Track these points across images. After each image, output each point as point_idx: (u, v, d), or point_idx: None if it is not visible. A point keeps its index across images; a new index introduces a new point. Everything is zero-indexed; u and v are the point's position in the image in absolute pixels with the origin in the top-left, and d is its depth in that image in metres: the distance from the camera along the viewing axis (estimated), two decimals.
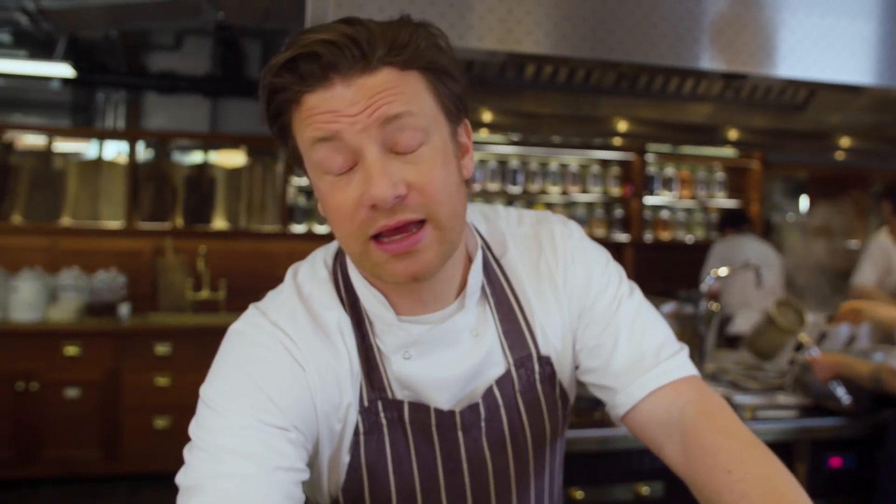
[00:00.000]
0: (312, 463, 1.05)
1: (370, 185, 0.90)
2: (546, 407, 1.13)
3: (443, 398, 1.07)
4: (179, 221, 5.59)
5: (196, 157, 5.82)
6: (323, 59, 0.90)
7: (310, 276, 1.09)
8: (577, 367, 1.17)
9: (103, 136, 5.62)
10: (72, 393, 4.83)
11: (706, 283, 3.14)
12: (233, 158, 5.87)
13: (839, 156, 5.23)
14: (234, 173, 5.69)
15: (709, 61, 2.52)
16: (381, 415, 1.05)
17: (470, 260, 1.09)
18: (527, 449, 1.12)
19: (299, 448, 0.97)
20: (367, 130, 0.91)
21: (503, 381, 1.10)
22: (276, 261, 5.73)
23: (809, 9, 2.59)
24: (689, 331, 3.09)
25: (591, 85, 2.99)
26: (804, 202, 6.90)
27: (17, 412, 4.75)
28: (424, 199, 0.93)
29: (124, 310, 5.10)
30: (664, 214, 6.59)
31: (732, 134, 4.77)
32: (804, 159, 6.64)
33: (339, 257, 1.11)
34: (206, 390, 0.99)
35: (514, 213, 1.20)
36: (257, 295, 1.08)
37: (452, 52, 0.99)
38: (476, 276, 1.08)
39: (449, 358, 1.07)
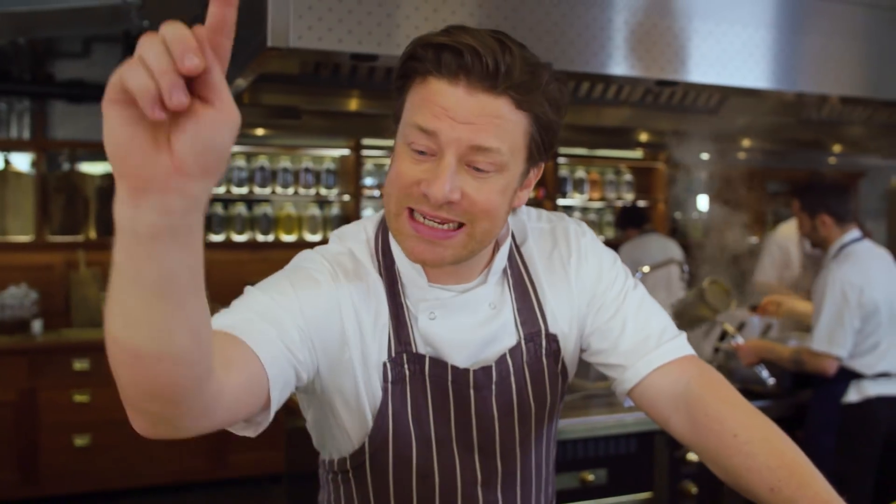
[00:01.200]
0: (333, 395, 1.17)
1: (432, 182, 1.05)
2: (548, 379, 1.25)
3: (460, 357, 1.20)
4: (92, 233, 5.43)
5: (108, 166, 5.66)
6: (463, 58, 1.02)
7: (352, 236, 1.24)
8: (584, 350, 1.30)
9: (7, 146, 5.40)
10: None
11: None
12: None
13: (741, 156, 5.54)
14: None
15: (625, 68, 2.66)
16: (405, 367, 1.18)
17: (497, 244, 1.23)
18: (530, 415, 1.24)
19: (304, 347, 1.09)
20: (458, 141, 1.04)
21: (514, 351, 1.23)
22: None
23: (718, 17, 2.76)
24: None
25: None
26: (704, 201, 7.22)
27: None
28: (473, 209, 1.07)
29: (37, 326, 4.93)
30: (576, 216, 6.80)
31: (643, 136, 4.99)
32: (705, 159, 6.94)
33: (382, 226, 1.23)
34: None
35: (534, 210, 1.34)
36: None
37: (566, 108, 1.14)
38: (502, 258, 1.23)
39: (468, 323, 1.20)
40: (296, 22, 1.96)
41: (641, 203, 6.79)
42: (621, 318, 1.25)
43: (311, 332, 1.09)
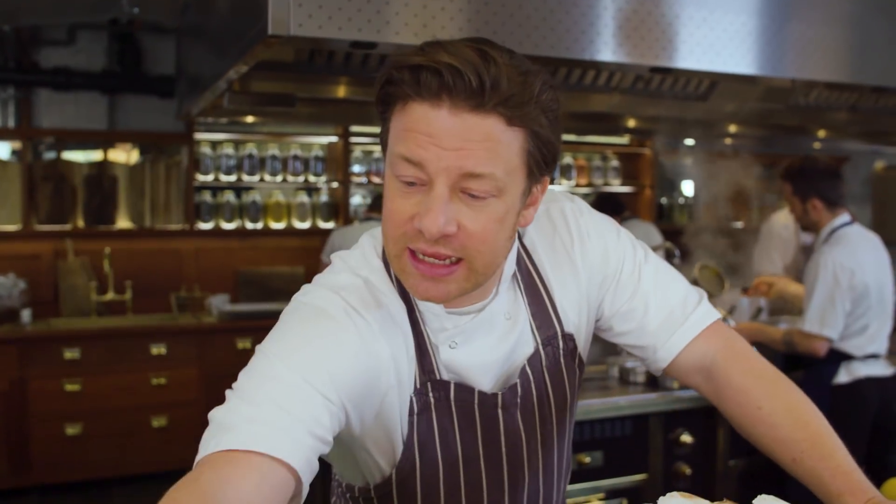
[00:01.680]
0: (366, 437, 1.11)
1: (425, 215, 0.97)
2: (567, 377, 1.24)
3: (485, 381, 1.16)
4: (80, 222, 5.41)
5: (95, 155, 5.62)
6: (443, 78, 0.93)
7: (363, 262, 1.14)
8: (606, 331, 1.30)
9: None
10: None
11: None
12: (134, 156, 5.71)
13: (727, 141, 5.58)
14: (136, 171, 5.54)
15: (620, 56, 2.67)
16: (430, 395, 1.12)
17: None
18: (551, 415, 1.23)
19: (334, 422, 1.00)
20: (448, 170, 0.96)
21: (533, 359, 1.19)
22: (182, 259, 5.61)
23: (712, 5, 2.79)
24: None
25: None
26: (690, 186, 7.27)
27: None
28: (469, 243, 1.00)
29: (26, 316, 4.91)
30: None
31: (630, 122, 5.01)
32: (692, 145, 6.98)
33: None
34: (265, 344, 1.03)
35: None
36: (165, 295, 1.06)
37: (563, 117, 1.05)
38: (511, 265, 1.17)
39: (488, 343, 1.16)
40: (296, 10, 1.97)
41: (628, 189, 6.82)
42: (642, 296, 1.24)
43: (343, 399, 1.01)
